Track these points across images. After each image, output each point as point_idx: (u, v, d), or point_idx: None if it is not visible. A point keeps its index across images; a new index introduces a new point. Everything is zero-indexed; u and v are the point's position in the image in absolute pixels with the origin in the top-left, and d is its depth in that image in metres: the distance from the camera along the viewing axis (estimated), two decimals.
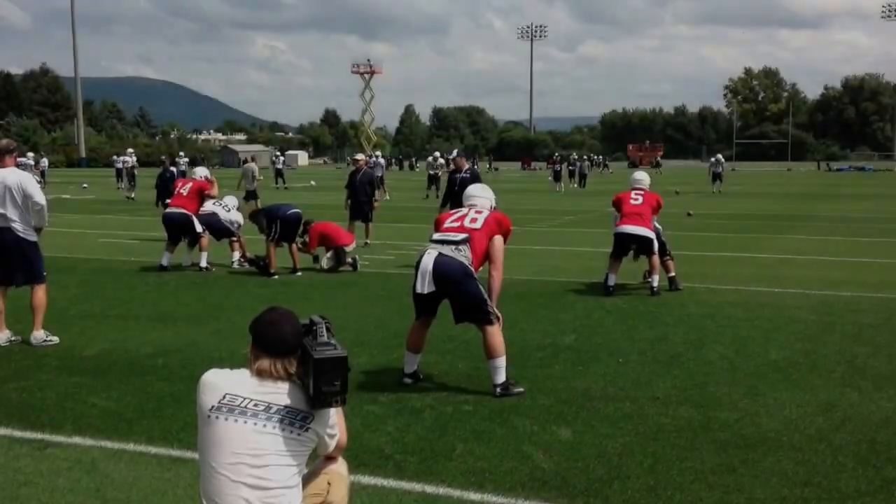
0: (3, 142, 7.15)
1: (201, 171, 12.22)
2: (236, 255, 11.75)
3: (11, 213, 6.73)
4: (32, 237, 6.91)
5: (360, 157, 15.43)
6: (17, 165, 7.19)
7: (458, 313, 5.66)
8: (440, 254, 5.53)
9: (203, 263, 11.23)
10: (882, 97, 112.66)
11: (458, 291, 5.52)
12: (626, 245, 9.45)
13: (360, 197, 14.08)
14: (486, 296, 5.58)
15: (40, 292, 7.00)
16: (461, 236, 5.62)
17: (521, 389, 5.57)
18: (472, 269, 5.57)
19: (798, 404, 5.29)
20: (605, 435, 4.72)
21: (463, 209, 6.03)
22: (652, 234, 9.33)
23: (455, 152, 12.82)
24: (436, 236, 5.76)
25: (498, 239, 5.75)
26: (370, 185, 14.27)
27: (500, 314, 5.66)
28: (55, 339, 6.99)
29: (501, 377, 5.52)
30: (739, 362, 6.35)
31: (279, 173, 38.52)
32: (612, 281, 9.37)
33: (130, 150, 37.24)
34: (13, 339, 6.98)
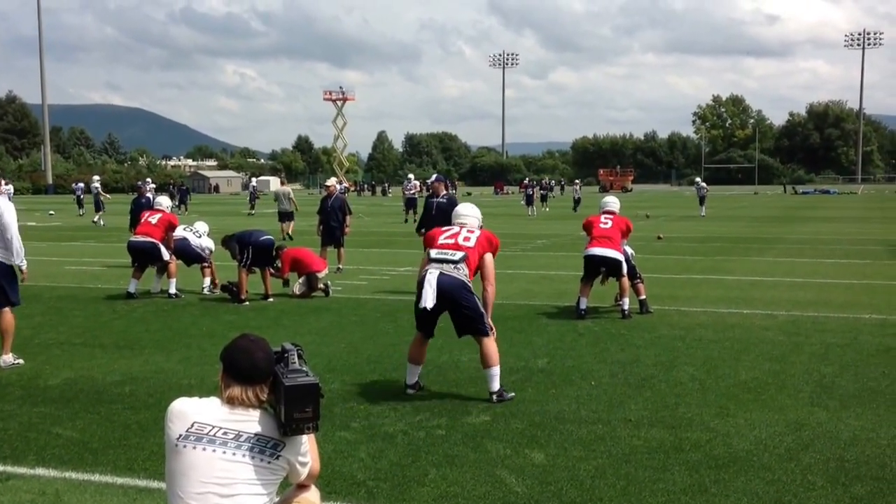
0: None
1: (165, 202, 12.05)
2: (207, 281, 11.63)
3: None
4: (6, 261, 6.89)
5: (330, 182, 15.42)
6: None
7: (460, 327, 6.10)
8: (442, 273, 5.93)
9: (172, 290, 11.10)
10: (846, 123, 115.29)
11: (460, 306, 5.94)
12: (595, 268, 9.51)
13: (332, 222, 14.06)
14: (482, 310, 5.99)
15: (8, 315, 7.04)
16: (459, 255, 6.03)
17: (513, 394, 6.03)
18: (470, 284, 5.99)
19: (768, 424, 5.33)
20: (578, 458, 4.72)
21: (454, 227, 6.37)
22: (621, 257, 9.39)
23: (434, 177, 12.78)
24: (433, 254, 6.09)
25: (489, 256, 6.15)
26: (342, 210, 14.26)
27: (493, 326, 6.06)
28: (21, 362, 7.14)
29: (496, 385, 5.93)
30: (710, 383, 6.40)
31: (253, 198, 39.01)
32: (583, 304, 9.41)
33: (97, 176, 36.94)
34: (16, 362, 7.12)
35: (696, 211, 34.69)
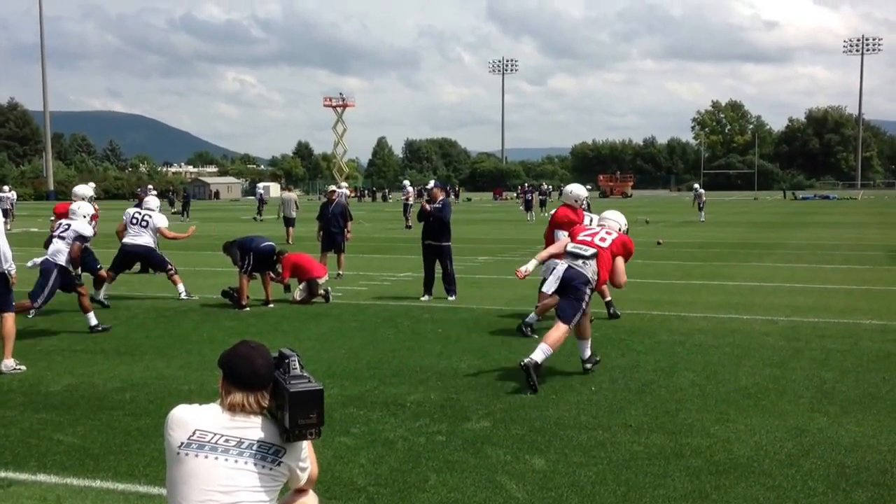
0: None
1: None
2: (181, 286, 11.45)
3: None
4: (7, 267, 6.93)
5: (333, 188, 15.48)
6: None
7: (561, 307, 6.85)
8: (570, 266, 6.80)
9: (101, 296, 10.78)
10: (845, 129, 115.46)
11: (570, 295, 6.74)
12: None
13: (332, 228, 14.08)
14: (585, 305, 6.73)
15: (9, 321, 7.09)
16: (591, 251, 6.85)
17: (598, 359, 7.07)
18: (593, 281, 6.80)
19: (768, 430, 5.33)
20: (579, 463, 4.72)
21: (595, 227, 7.27)
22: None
23: (431, 183, 12.70)
24: (570, 247, 6.98)
25: (619, 259, 6.95)
26: (342, 216, 14.28)
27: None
28: (23, 368, 7.14)
29: (586, 353, 7.00)
30: (710, 389, 6.40)
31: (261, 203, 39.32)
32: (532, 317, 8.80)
33: (92, 184, 37.10)
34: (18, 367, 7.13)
35: (695, 216, 34.69)
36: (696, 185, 36.81)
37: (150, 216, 11.42)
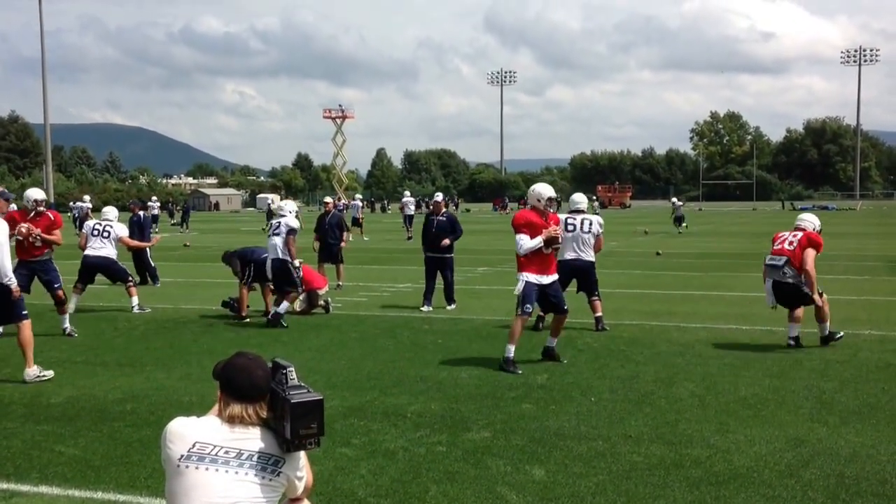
0: None
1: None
2: (135, 300, 11.41)
3: None
4: (6, 281, 6.97)
5: (328, 200, 15.48)
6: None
7: (787, 304, 8.45)
8: (774, 280, 8.42)
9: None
10: (843, 139, 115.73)
11: (796, 297, 8.36)
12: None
13: (330, 239, 14.06)
14: (815, 294, 8.29)
15: (26, 330, 7.13)
16: (783, 259, 8.36)
17: (842, 334, 8.55)
18: (798, 279, 8.27)
19: (768, 440, 5.34)
20: (579, 474, 4.73)
21: (785, 233, 8.69)
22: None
23: (437, 196, 12.87)
24: (767, 260, 8.61)
25: (808, 250, 8.31)
26: (339, 227, 14.25)
27: (822, 293, 8.49)
28: (49, 374, 7.23)
29: (825, 332, 8.48)
30: (710, 399, 6.42)
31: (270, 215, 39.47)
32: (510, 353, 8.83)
33: (87, 196, 37.21)
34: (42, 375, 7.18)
35: (693, 226, 34.67)
36: (675, 199, 36.47)
37: (111, 227, 11.48)
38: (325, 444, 4.23)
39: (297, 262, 10.40)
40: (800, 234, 8.50)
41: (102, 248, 11.31)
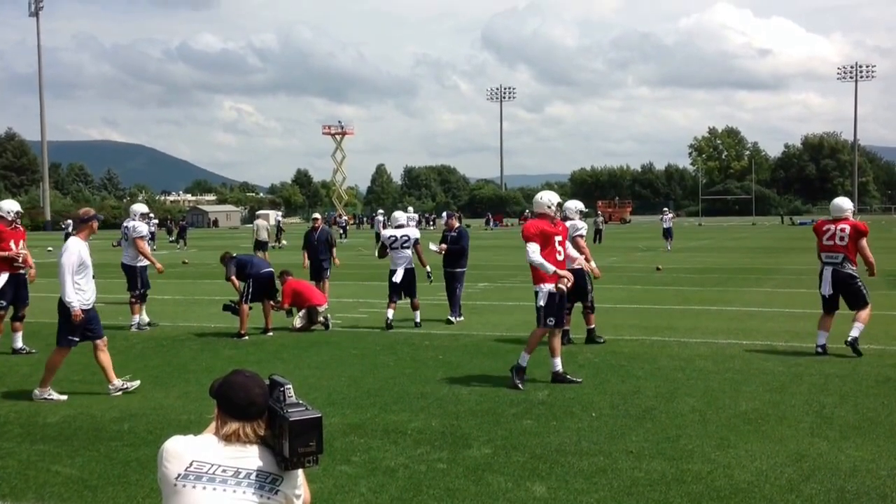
0: (81, 211, 7.73)
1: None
2: (136, 318, 11.47)
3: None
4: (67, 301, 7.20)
5: (317, 216, 15.35)
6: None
7: (849, 302, 8.91)
8: (834, 269, 8.85)
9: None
10: (841, 155, 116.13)
11: (849, 292, 8.86)
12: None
13: (319, 256, 13.93)
14: (863, 289, 8.90)
15: (101, 346, 7.41)
16: (839, 257, 8.85)
17: (857, 338, 8.75)
18: (855, 272, 8.87)
19: (768, 455, 5.32)
20: (580, 490, 4.70)
21: (830, 225, 9.00)
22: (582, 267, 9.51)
23: (445, 214, 13.66)
24: (824, 257, 9.04)
25: (862, 242, 8.85)
26: (327, 243, 14.12)
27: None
28: (135, 384, 7.45)
29: (857, 334, 8.71)
30: (710, 414, 6.39)
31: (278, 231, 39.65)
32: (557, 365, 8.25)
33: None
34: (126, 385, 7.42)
35: (692, 242, 34.68)
36: (665, 209, 36.17)
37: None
38: (324, 462, 4.19)
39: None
40: (846, 226, 8.81)
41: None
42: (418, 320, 11.40)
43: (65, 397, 7.20)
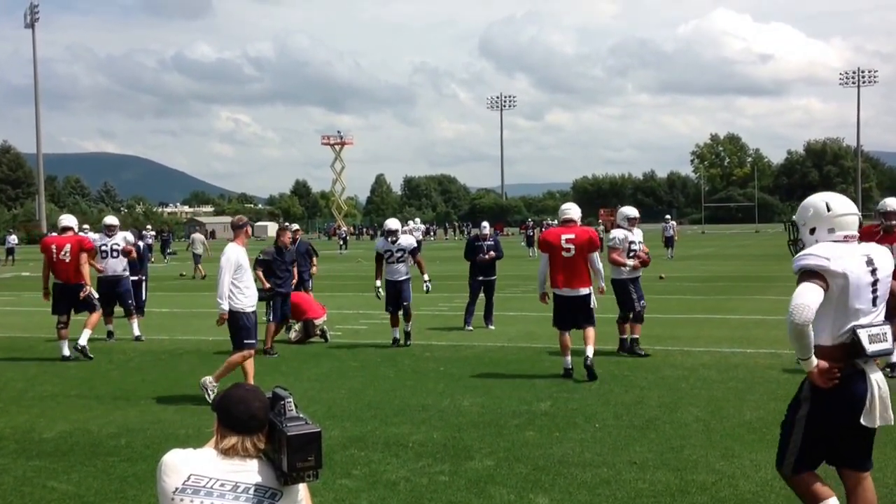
0: (236, 218, 8.05)
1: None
2: (136, 326, 11.65)
3: None
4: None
5: (296, 227, 15.16)
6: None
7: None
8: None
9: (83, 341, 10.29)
10: (844, 161, 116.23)
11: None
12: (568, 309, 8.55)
13: (300, 267, 13.75)
14: None
15: (242, 359, 7.67)
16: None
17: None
18: None
19: (774, 465, 5.23)
20: (583, 502, 4.63)
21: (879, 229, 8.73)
22: (588, 290, 8.44)
23: (485, 224, 14.13)
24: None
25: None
26: (307, 255, 13.95)
27: None
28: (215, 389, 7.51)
29: None
30: (715, 424, 6.31)
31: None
32: (568, 362, 8.41)
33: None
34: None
35: (695, 249, 34.63)
36: (668, 217, 36.05)
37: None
38: (325, 476, 4.13)
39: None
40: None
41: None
42: (408, 329, 10.66)
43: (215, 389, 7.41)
